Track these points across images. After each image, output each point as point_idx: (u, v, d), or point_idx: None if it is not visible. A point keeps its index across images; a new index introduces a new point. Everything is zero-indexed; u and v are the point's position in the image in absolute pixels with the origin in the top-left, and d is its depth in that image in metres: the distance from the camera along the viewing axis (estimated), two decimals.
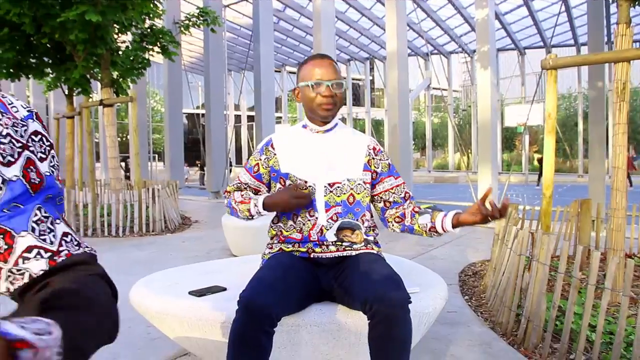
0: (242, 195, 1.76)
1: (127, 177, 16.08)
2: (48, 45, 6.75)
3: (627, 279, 1.96)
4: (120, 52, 6.93)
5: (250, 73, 21.30)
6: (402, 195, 1.79)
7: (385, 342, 1.38)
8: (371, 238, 1.73)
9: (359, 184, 1.73)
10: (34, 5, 5.45)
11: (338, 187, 1.70)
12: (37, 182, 0.59)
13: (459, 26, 20.61)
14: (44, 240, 0.58)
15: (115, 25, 5.95)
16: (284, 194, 1.66)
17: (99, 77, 6.58)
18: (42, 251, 0.57)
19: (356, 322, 1.60)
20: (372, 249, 1.71)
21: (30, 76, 7.22)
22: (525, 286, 2.55)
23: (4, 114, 0.58)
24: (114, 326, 0.59)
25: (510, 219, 3.38)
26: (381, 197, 1.79)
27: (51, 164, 0.62)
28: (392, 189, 1.78)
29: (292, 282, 1.51)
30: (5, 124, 0.57)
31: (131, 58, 6.99)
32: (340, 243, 1.66)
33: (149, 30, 7.03)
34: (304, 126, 1.79)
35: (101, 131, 15.78)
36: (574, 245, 3.66)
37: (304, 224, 1.68)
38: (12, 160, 0.57)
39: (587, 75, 7.90)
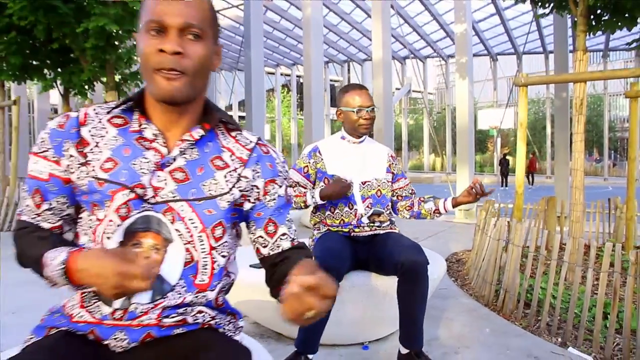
0: (294, 190, 2.31)
1: None
2: (52, 48, 7.08)
3: (579, 254, 2.58)
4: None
5: (227, 73, 21.83)
6: (410, 191, 2.43)
7: (410, 294, 1.94)
8: (394, 219, 2.32)
9: (383, 182, 2.31)
10: (50, 13, 5.81)
11: (369, 184, 2.28)
12: (289, 198, 1.10)
13: (435, 32, 21.43)
14: (289, 231, 1.09)
15: (124, 33, 6.34)
16: (333, 186, 2.19)
17: (105, 81, 6.96)
18: (288, 237, 1.08)
19: (384, 284, 2.16)
20: (395, 229, 2.28)
21: (35, 79, 7.52)
22: (503, 265, 3.16)
23: (278, 158, 1.10)
24: None
25: (489, 213, 3.99)
26: (396, 193, 2.39)
27: (288, 186, 1.12)
28: (404, 187, 2.41)
29: (346, 253, 2.07)
30: (282, 164, 1.09)
31: (125, 60, 7.36)
32: (372, 224, 2.23)
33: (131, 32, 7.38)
34: (342, 137, 2.35)
35: None
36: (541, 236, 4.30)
37: (343, 215, 2.23)
38: (285, 185, 1.09)
39: (554, 86, 8.68)
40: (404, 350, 2.04)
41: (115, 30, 5.69)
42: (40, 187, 0.96)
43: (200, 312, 0.97)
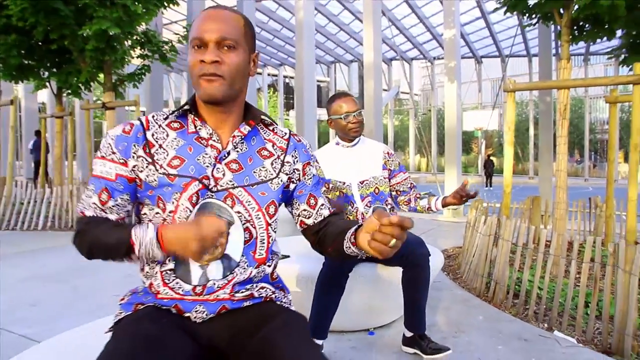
0: None
1: None
2: (50, 48, 7.17)
3: (563, 247, 2.83)
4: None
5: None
6: (409, 185, 2.56)
7: (414, 282, 2.16)
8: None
9: (380, 180, 2.48)
10: (51, 15, 5.92)
11: (366, 183, 2.46)
12: (322, 177, 1.32)
13: (422, 34, 21.79)
14: (325, 201, 1.30)
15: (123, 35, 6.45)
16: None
17: (103, 81, 7.06)
18: (325, 206, 1.30)
19: (388, 275, 2.37)
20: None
21: (30, 78, 7.58)
22: (493, 259, 3.39)
23: (308, 144, 1.32)
24: None
25: (478, 211, 4.24)
26: (395, 188, 2.56)
27: (318, 168, 1.35)
28: (402, 181, 2.55)
29: None
30: (311, 149, 1.31)
31: (119, 60, 7.47)
32: None
33: (143, 36, 7.51)
34: (337, 143, 2.53)
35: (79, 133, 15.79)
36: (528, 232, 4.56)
37: (347, 213, 2.42)
38: (316, 166, 1.31)
39: (538, 91, 9.00)
40: (409, 334, 2.26)
41: (116, 33, 5.81)
42: (107, 186, 1.12)
43: (262, 287, 1.18)
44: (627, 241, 2.56)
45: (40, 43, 6.97)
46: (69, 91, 7.97)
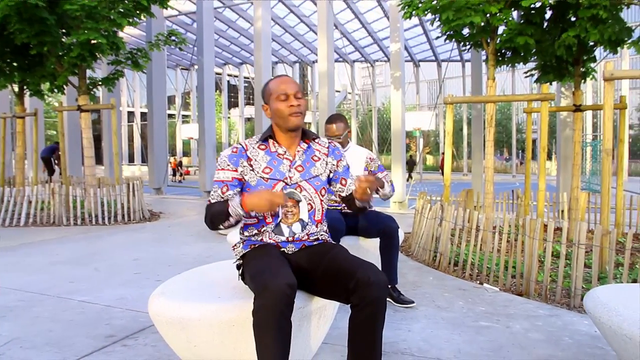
0: None
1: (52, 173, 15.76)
2: (19, 51, 7.48)
3: (490, 227, 3.83)
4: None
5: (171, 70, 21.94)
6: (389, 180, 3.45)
7: (389, 248, 3.05)
8: (372, 203, 3.40)
9: None
10: (36, 24, 6.33)
11: (351, 179, 3.32)
12: (348, 165, 2.15)
13: (363, 38, 23.01)
14: (352, 181, 2.11)
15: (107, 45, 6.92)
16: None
17: (78, 85, 7.47)
18: (353, 184, 2.08)
19: (366, 245, 3.25)
20: (374, 208, 3.38)
21: (1, 79, 7.84)
22: (438, 236, 4.37)
23: (340, 148, 2.15)
24: None
25: (424, 201, 5.22)
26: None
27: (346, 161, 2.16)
28: (382, 177, 3.43)
29: (342, 221, 3.09)
30: (342, 150, 2.16)
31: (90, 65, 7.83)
32: None
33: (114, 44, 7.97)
34: None
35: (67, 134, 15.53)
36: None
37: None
38: (345, 160, 2.14)
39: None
40: None
41: (100, 42, 6.32)
42: (227, 184, 1.91)
43: (322, 235, 2.01)
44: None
45: (10, 47, 7.28)
46: (31, 92, 8.29)
